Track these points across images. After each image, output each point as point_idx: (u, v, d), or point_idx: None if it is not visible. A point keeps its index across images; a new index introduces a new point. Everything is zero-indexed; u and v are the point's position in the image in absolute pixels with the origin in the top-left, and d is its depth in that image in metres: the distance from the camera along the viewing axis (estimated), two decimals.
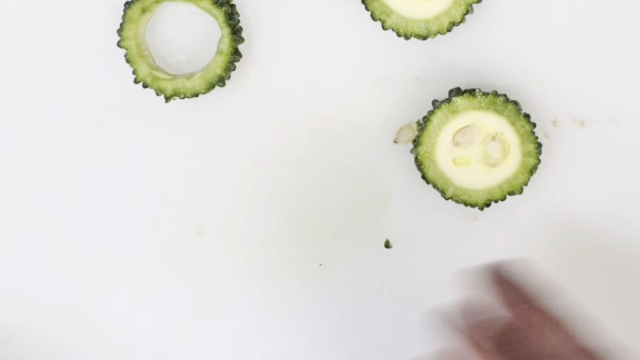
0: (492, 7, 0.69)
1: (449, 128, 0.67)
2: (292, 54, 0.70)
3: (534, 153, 0.67)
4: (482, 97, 0.67)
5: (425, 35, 0.67)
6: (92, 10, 0.70)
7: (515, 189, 0.68)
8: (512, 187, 0.68)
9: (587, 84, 0.70)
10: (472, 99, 0.67)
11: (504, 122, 0.67)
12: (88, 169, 0.72)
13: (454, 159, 0.68)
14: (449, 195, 0.68)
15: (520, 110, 0.67)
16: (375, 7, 0.67)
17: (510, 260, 0.58)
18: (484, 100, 0.67)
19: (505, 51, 0.70)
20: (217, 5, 0.67)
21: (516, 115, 0.67)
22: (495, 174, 0.68)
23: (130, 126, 0.71)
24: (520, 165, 0.68)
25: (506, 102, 0.67)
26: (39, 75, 0.71)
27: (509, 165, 0.68)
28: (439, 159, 0.67)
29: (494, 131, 0.67)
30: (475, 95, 0.67)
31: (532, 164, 0.68)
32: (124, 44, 0.68)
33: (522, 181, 0.68)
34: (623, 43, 0.70)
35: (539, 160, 0.68)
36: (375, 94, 0.70)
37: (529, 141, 0.67)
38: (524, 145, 0.67)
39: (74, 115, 0.71)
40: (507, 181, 0.68)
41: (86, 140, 0.71)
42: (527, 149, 0.67)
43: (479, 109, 0.67)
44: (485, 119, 0.67)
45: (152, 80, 0.68)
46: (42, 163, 0.72)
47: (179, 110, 0.71)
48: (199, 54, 0.70)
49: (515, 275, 0.56)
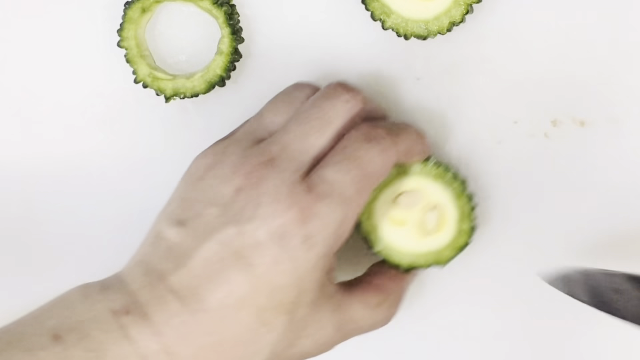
0: (492, 7, 0.69)
1: (394, 187, 0.67)
2: (292, 54, 0.70)
3: (468, 233, 0.67)
4: (433, 167, 0.67)
5: (425, 35, 0.67)
6: (92, 10, 0.70)
7: (439, 262, 0.67)
8: (436, 260, 0.67)
9: (587, 84, 0.70)
10: (424, 166, 0.67)
11: (448, 196, 0.67)
12: (88, 168, 0.72)
13: (391, 216, 0.67)
14: (377, 249, 0.67)
15: (466, 189, 0.67)
16: (375, 7, 0.67)
17: None
18: (434, 170, 0.67)
19: (505, 51, 0.70)
20: (217, 5, 0.67)
21: (461, 192, 0.67)
22: (425, 243, 0.67)
23: (130, 126, 0.71)
24: (451, 241, 0.67)
25: (454, 179, 0.67)
26: (39, 75, 0.71)
27: (441, 238, 0.67)
28: (377, 212, 0.67)
29: (436, 202, 0.67)
30: (427, 164, 0.67)
31: (463, 243, 0.67)
32: (124, 44, 0.68)
33: (448, 257, 0.67)
34: (623, 43, 0.70)
35: (469, 242, 0.67)
36: (375, 94, 0.70)
37: (467, 220, 0.67)
38: (460, 223, 0.67)
39: (74, 115, 0.71)
40: (434, 253, 0.67)
41: (86, 140, 0.71)
42: (463, 227, 0.67)
43: (427, 177, 0.67)
44: (432, 188, 0.67)
45: (152, 80, 0.68)
46: (42, 163, 0.72)
47: (179, 110, 0.71)
48: (199, 54, 0.70)
49: None
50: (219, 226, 0.60)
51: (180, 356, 0.59)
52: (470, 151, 0.71)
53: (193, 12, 0.70)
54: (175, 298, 0.59)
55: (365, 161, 0.62)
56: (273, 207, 0.60)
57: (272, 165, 0.61)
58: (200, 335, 0.59)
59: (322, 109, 0.63)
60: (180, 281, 0.59)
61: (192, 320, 0.59)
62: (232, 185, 0.61)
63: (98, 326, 0.59)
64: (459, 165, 0.71)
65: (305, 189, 0.60)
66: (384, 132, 0.64)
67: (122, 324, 0.59)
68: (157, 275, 0.60)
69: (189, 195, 0.63)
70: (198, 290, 0.59)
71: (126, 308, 0.59)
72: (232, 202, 0.61)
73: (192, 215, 0.61)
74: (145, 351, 0.58)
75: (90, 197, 0.72)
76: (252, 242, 0.59)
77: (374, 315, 0.65)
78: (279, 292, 0.59)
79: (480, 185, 0.71)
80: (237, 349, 0.60)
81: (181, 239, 0.61)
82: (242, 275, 0.59)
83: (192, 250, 0.60)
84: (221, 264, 0.59)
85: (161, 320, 0.59)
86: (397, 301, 0.66)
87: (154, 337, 0.58)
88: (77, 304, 0.60)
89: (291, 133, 0.63)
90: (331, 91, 0.64)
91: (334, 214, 0.60)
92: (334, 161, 0.62)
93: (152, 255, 0.61)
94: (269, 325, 0.60)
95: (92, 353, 0.58)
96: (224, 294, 0.59)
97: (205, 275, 0.59)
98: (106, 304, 0.60)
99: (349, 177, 0.61)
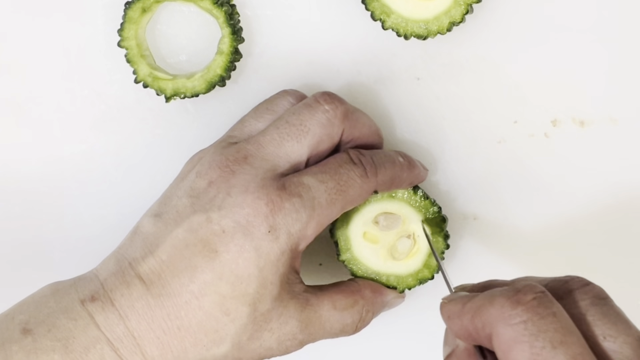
0: (492, 7, 0.69)
1: (377, 206, 0.67)
2: (292, 54, 0.70)
3: (432, 270, 0.67)
4: (419, 198, 0.67)
5: (425, 35, 0.67)
6: (92, 10, 0.70)
7: (398, 286, 0.68)
8: (397, 283, 0.68)
9: (587, 84, 0.70)
10: (411, 194, 0.67)
11: (425, 230, 0.67)
12: (88, 168, 0.72)
13: (365, 232, 0.67)
14: (342, 259, 0.68)
15: (444, 228, 0.67)
16: (375, 7, 0.67)
17: None
18: (419, 201, 0.67)
19: (505, 51, 0.70)
20: (217, 6, 0.67)
21: (439, 230, 0.67)
22: (390, 265, 0.68)
23: (130, 126, 0.71)
24: (415, 272, 0.68)
25: (436, 215, 0.67)
26: (39, 75, 0.71)
27: (406, 265, 0.68)
28: (354, 224, 0.67)
29: (412, 231, 0.67)
30: (414, 193, 0.67)
31: (425, 277, 0.68)
32: (124, 44, 0.68)
33: (409, 285, 0.68)
34: (623, 43, 0.70)
35: (432, 277, 0.68)
36: (375, 94, 0.70)
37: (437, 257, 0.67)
38: (430, 258, 0.67)
39: (74, 115, 0.71)
40: (396, 277, 0.68)
41: (86, 140, 0.71)
42: (431, 263, 0.67)
43: (411, 206, 0.67)
44: (413, 217, 0.67)
45: (153, 80, 0.68)
46: (42, 163, 0.72)
47: (179, 110, 0.71)
48: (199, 54, 0.70)
49: None
50: (189, 214, 0.62)
51: (144, 340, 0.60)
52: (470, 151, 0.71)
53: (193, 12, 0.70)
54: (140, 282, 0.61)
55: (344, 179, 0.63)
56: (242, 198, 0.61)
57: (246, 162, 0.62)
58: (163, 320, 0.60)
59: (301, 117, 0.64)
60: (148, 267, 0.61)
61: (155, 303, 0.60)
62: (206, 179, 0.62)
63: (66, 315, 0.60)
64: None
65: (279, 186, 0.62)
66: (370, 159, 0.64)
67: (89, 311, 0.60)
68: (128, 263, 0.62)
69: (170, 193, 0.64)
70: (164, 275, 0.61)
71: (93, 295, 0.61)
72: (204, 193, 0.62)
73: (169, 208, 0.63)
74: (112, 335, 0.60)
75: (90, 197, 0.72)
76: (219, 229, 0.61)
77: (341, 319, 0.65)
78: (242, 281, 0.60)
79: (480, 185, 0.71)
80: (199, 335, 0.61)
81: (155, 228, 0.62)
82: (206, 262, 0.60)
83: (162, 238, 0.62)
84: (188, 250, 0.61)
85: (126, 304, 0.60)
86: (369, 311, 0.66)
87: (120, 321, 0.60)
88: (47, 299, 0.62)
89: (268, 136, 0.64)
90: (312, 101, 0.65)
91: (301, 214, 0.61)
92: (313, 171, 0.63)
93: (127, 246, 0.63)
94: (231, 314, 0.61)
95: (61, 342, 0.60)
96: (188, 279, 0.60)
97: (172, 261, 0.61)
98: (74, 295, 0.61)
99: (324, 186, 0.62)
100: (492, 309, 0.50)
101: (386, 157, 0.66)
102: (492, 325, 0.50)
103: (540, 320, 0.49)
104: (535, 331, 0.49)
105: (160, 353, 0.60)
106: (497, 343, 0.50)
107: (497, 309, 0.50)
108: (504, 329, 0.49)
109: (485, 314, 0.51)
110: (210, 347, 0.61)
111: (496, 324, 0.50)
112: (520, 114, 0.70)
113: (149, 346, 0.60)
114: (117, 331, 0.60)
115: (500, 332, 0.49)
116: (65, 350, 0.59)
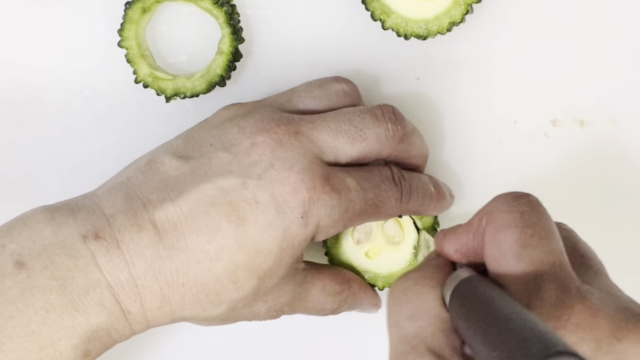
0: (492, 7, 0.69)
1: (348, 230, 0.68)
2: (292, 54, 0.70)
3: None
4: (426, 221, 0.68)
5: (425, 35, 0.67)
6: (92, 10, 0.70)
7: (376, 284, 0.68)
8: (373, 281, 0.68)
9: (587, 84, 0.70)
10: None
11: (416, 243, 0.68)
12: (88, 168, 0.72)
13: (367, 251, 0.68)
14: (328, 250, 0.68)
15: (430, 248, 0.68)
16: (375, 7, 0.67)
17: None
18: (423, 222, 0.68)
19: (505, 51, 0.70)
20: (217, 6, 0.67)
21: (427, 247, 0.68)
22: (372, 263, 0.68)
23: (130, 126, 0.71)
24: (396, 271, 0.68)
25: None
26: (39, 75, 0.71)
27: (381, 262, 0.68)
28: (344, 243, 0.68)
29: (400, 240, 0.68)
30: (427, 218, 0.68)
31: None
32: (124, 44, 0.68)
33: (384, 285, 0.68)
34: (623, 43, 0.70)
35: None
36: (375, 94, 0.70)
37: None
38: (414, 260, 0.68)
39: (74, 115, 0.71)
40: (383, 277, 0.68)
41: (86, 140, 0.71)
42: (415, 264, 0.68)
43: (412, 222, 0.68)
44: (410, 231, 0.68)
45: (153, 80, 0.68)
46: (42, 163, 0.72)
47: (179, 110, 0.71)
48: (199, 54, 0.70)
49: None
50: (224, 172, 0.60)
51: (146, 289, 0.58)
52: (470, 151, 0.71)
53: (193, 12, 0.70)
54: (154, 229, 0.58)
55: (383, 195, 0.63)
56: (285, 174, 0.60)
57: (296, 137, 0.61)
58: (170, 273, 0.58)
59: (364, 123, 0.63)
60: (165, 214, 0.59)
61: (166, 255, 0.58)
62: (250, 139, 0.60)
63: (65, 251, 0.57)
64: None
65: (324, 174, 0.60)
66: (408, 185, 0.64)
67: (91, 250, 0.58)
68: (142, 203, 0.59)
69: (200, 136, 0.62)
70: (181, 227, 0.59)
71: (97, 233, 0.58)
72: (245, 154, 0.60)
73: (199, 154, 0.61)
74: (113, 280, 0.58)
75: None
76: (252, 199, 0.59)
77: (324, 302, 0.65)
78: (260, 255, 0.59)
79: (480, 185, 0.71)
80: (200, 295, 0.59)
81: (180, 172, 0.60)
82: (230, 227, 0.59)
83: (188, 186, 0.59)
84: (213, 209, 0.59)
85: (134, 250, 0.58)
86: (352, 303, 0.67)
87: (125, 267, 0.58)
88: (42, 227, 0.59)
89: (325, 122, 0.62)
90: (379, 113, 0.64)
91: (335, 210, 0.61)
92: (358, 175, 0.62)
93: (139, 181, 0.60)
94: (238, 283, 0.60)
95: (58, 281, 0.57)
96: (206, 239, 0.59)
97: (193, 214, 0.59)
98: (74, 228, 0.58)
99: (363, 196, 0.62)
100: (493, 202, 0.53)
101: (422, 185, 0.66)
102: (490, 214, 0.52)
103: (535, 215, 0.52)
104: (529, 222, 0.52)
105: (159, 305, 0.59)
106: (489, 229, 0.52)
107: (499, 200, 0.53)
108: (501, 215, 0.52)
109: (487, 207, 0.53)
110: (207, 307, 0.60)
111: (495, 212, 0.52)
112: (520, 114, 0.71)
113: (150, 296, 0.58)
114: (120, 277, 0.58)
115: (496, 218, 0.52)
116: (62, 290, 0.57)
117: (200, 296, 0.59)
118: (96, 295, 0.57)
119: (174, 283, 0.59)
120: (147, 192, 0.59)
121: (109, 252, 0.58)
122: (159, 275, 0.58)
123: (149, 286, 0.58)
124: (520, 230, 0.51)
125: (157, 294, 0.58)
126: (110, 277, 0.58)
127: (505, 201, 0.53)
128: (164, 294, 0.59)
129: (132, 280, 0.58)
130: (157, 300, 0.58)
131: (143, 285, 0.58)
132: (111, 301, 0.57)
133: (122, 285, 0.58)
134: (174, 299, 0.59)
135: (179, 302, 0.59)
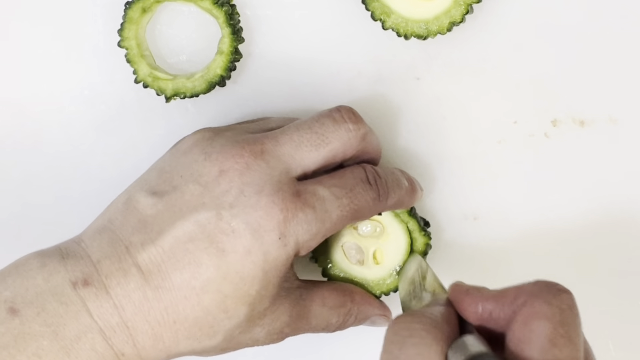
0: (492, 7, 0.69)
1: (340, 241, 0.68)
2: (292, 54, 0.70)
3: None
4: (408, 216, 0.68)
5: (425, 35, 0.67)
6: (92, 10, 0.70)
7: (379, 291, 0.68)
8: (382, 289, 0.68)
9: (587, 84, 0.70)
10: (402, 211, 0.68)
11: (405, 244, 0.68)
12: (88, 168, 0.72)
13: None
14: (316, 257, 0.68)
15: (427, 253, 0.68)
16: (375, 7, 0.67)
17: None
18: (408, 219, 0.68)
19: (505, 51, 0.70)
20: (217, 6, 0.67)
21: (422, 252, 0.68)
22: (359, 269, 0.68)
23: (130, 126, 0.71)
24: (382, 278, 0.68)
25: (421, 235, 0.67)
26: (39, 75, 0.71)
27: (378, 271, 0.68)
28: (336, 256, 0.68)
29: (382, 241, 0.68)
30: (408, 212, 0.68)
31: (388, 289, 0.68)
32: (124, 44, 0.68)
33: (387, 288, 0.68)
34: (623, 43, 0.70)
35: None
36: (375, 94, 0.70)
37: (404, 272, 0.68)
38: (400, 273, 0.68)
39: (74, 115, 0.71)
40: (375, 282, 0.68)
41: (86, 140, 0.71)
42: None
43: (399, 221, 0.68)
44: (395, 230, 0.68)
45: (153, 80, 0.68)
46: (42, 163, 0.72)
47: (179, 110, 0.71)
48: (199, 54, 0.70)
49: None
50: (198, 206, 0.60)
51: (138, 330, 0.59)
52: (470, 151, 0.71)
53: (193, 12, 0.70)
54: (138, 272, 0.59)
55: (359, 198, 0.63)
56: (255, 199, 0.60)
57: (262, 157, 0.61)
58: (160, 313, 0.59)
59: (324, 128, 0.63)
60: (148, 256, 0.60)
61: (153, 296, 0.59)
62: (217, 165, 0.61)
63: (56, 298, 0.58)
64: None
65: (294, 192, 0.61)
66: (384, 183, 0.64)
67: (81, 296, 0.59)
68: (125, 247, 0.60)
69: (170, 167, 0.62)
70: (164, 267, 0.59)
71: (86, 279, 0.59)
72: (215, 184, 0.60)
73: (171, 189, 0.61)
74: (104, 325, 0.59)
75: (90, 197, 0.72)
76: (228, 228, 0.60)
77: (328, 316, 0.65)
78: (245, 282, 0.60)
79: (480, 185, 0.71)
80: (193, 329, 0.60)
81: (156, 211, 0.61)
82: (212, 260, 0.59)
83: (165, 226, 0.60)
84: (193, 244, 0.59)
85: (122, 294, 0.59)
86: (353, 315, 0.66)
87: (114, 311, 0.59)
88: (34, 274, 0.60)
89: (287, 135, 0.63)
90: (338, 115, 0.64)
91: (312, 225, 0.61)
92: (329, 183, 0.62)
93: (120, 223, 0.61)
94: (229, 312, 0.60)
95: (50, 327, 0.58)
96: (190, 275, 0.59)
97: (174, 253, 0.59)
98: (65, 274, 0.59)
99: (338, 202, 0.62)
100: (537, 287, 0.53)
101: (396, 180, 0.66)
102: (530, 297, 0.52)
103: (571, 316, 0.52)
104: (564, 321, 0.51)
105: (152, 343, 0.60)
106: (525, 312, 0.52)
107: (542, 287, 0.53)
108: (540, 303, 0.52)
109: (528, 288, 0.53)
110: (202, 340, 0.61)
111: (535, 299, 0.52)
112: (520, 114, 0.71)
113: (142, 336, 0.59)
114: (111, 321, 0.59)
115: (535, 304, 0.52)
116: (55, 337, 0.58)
117: (193, 330, 0.60)
118: (88, 341, 0.58)
119: (164, 322, 0.60)
120: (128, 234, 0.60)
121: (98, 298, 0.59)
122: (148, 317, 0.59)
123: (140, 327, 0.59)
124: (553, 326, 0.51)
125: (149, 333, 0.59)
126: (101, 322, 0.59)
127: (548, 291, 0.52)
128: (155, 333, 0.60)
129: (122, 323, 0.59)
130: (149, 339, 0.60)
131: (134, 327, 0.59)
132: (103, 345, 0.58)
133: (114, 329, 0.59)
134: (166, 336, 0.60)
135: (172, 338, 0.60)
